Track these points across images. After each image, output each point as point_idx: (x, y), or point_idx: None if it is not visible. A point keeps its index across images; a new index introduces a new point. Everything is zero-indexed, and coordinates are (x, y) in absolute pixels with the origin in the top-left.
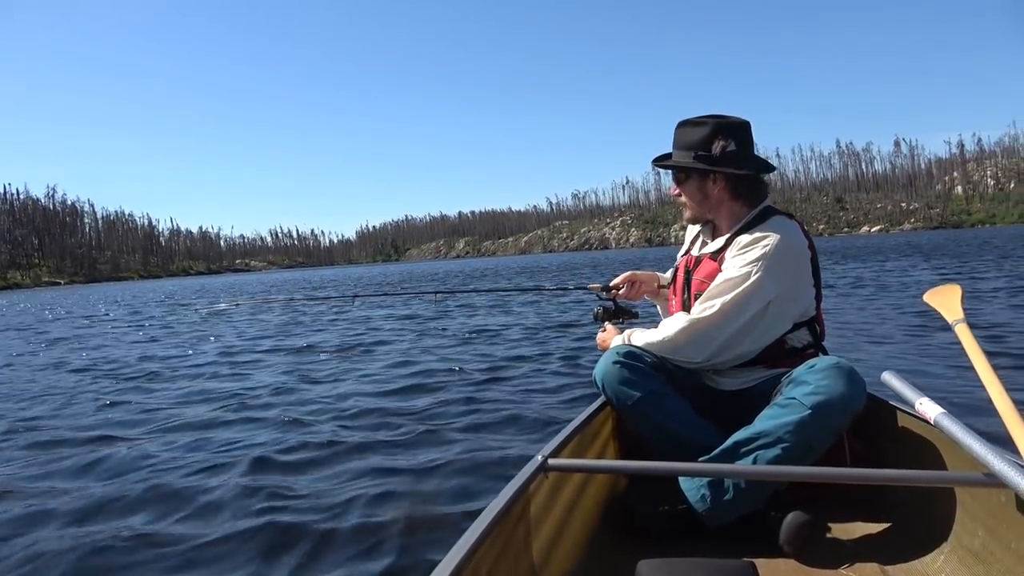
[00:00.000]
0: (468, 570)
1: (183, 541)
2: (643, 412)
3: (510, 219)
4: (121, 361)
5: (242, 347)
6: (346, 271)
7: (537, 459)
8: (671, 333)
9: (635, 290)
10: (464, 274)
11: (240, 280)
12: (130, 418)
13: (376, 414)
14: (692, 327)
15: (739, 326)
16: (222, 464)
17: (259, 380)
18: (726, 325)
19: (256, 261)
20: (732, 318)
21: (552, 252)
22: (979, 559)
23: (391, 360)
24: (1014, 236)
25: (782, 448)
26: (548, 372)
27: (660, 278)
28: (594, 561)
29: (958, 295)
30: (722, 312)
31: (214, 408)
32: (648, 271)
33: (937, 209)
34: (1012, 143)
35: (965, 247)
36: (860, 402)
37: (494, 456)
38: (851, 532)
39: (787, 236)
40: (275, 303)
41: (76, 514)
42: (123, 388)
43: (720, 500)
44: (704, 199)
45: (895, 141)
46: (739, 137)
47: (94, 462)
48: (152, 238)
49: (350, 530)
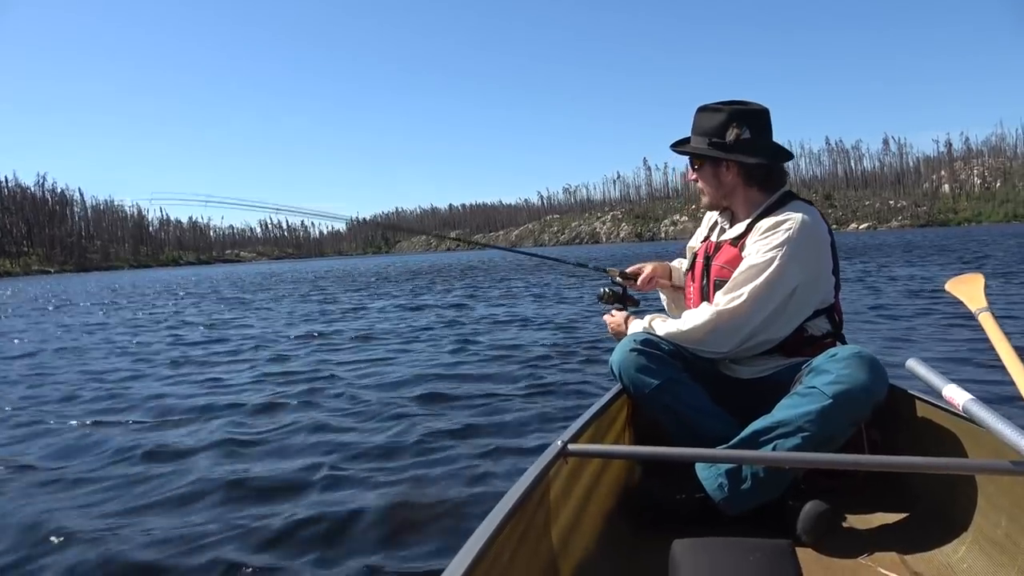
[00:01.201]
0: (490, 554)
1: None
2: (660, 400)
3: (501, 213)
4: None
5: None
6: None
7: (557, 444)
8: (698, 324)
9: (650, 283)
10: (461, 267)
11: (238, 271)
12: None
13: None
14: (720, 318)
15: (767, 315)
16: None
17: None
18: (755, 314)
19: (246, 252)
20: (760, 307)
21: (543, 246)
22: (1002, 549)
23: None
24: (1005, 235)
25: (802, 437)
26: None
27: (673, 271)
28: (612, 546)
29: (981, 284)
30: (750, 301)
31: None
32: (663, 263)
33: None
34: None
35: (957, 243)
36: (883, 392)
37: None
38: (870, 522)
39: (808, 221)
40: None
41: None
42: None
43: (738, 489)
44: (719, 186)
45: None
46: (755, 124)
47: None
48: (142, 227)
49: (374, 512)
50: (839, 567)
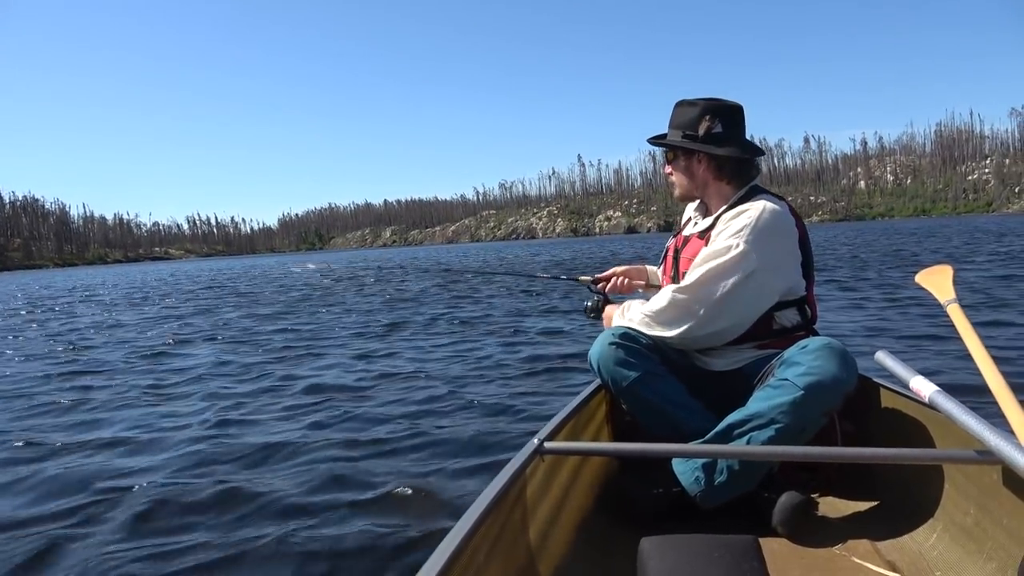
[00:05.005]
0: (466, 553)
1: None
2: (638, 393)
3: (437, 208)
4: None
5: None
6: (270, 260)
7: (533, 442)
8: (656, 307)
9: (624, 284)
10: (404, 265)
11: (173, 268)
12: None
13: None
14: (675, 297)
15: (719, 295)
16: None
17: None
18: (706, 294)
19: (174, 249)
20: (711, 287)
21: (479, 241)
22: (971, 536)
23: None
24: (915, 230)
25: (775, 429)
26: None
27: (650, 273)
28: (590, 543)
29: (949, 275)
30: (700, 281)
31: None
32: (637, 266)
33: (842, 203)
34: (909, 141)
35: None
36: (852, 382)
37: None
38: (844, 512)
39: (771, 209)
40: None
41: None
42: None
43: (714, 482)
44: (691, 178)
45: (805, 137)
46: (728, 119)
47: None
48: (65, 224)
49: (348, 508)
50: (814, 557)
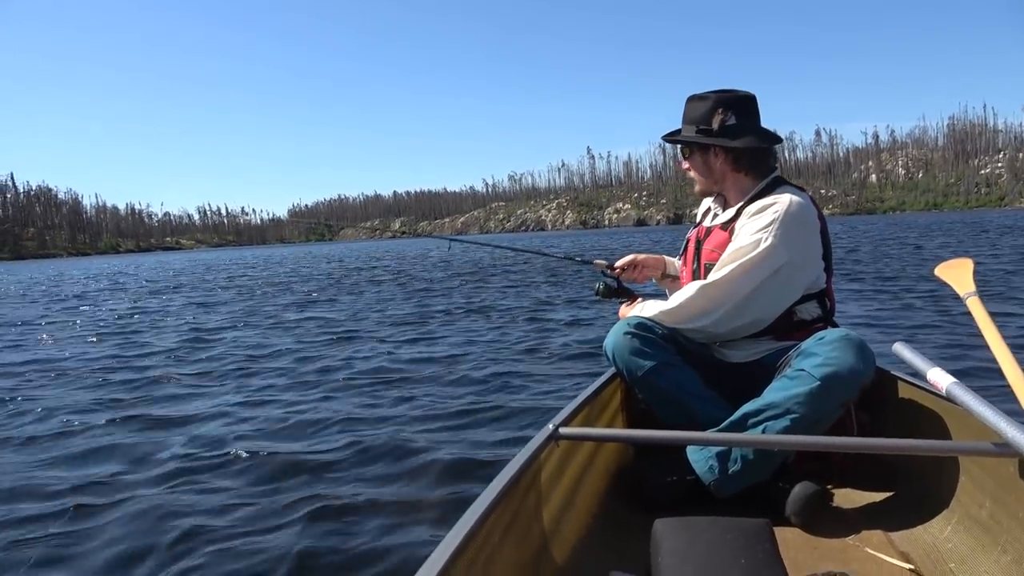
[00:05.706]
0: (480, 536)
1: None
2: (653, 383)
3: (446, 200)
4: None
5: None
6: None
7: (548, 428)
8: (681, 301)
9: (638, 273)
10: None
11: (202, 257)
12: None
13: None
14: (704, 292)
15: (747, 292)
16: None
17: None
18: (735, 291)
19: (185, 240)
20: (741, 284)
21: (489, 232)
22: (985, 529)
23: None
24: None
25: (791, 420)
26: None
27: (667, 264)
28: (603, 529)
29: (970, 268)
30: (730, 278)
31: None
32: (655, 255)
33: (853, 196)
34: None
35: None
36: (869, 374)
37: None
38: (858, 503)
39: (797, 202)
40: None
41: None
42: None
43: (728, 471)
44: (709, 172)
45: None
46: (741, 110)
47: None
48: (78, 214)
49: (363, 497)
50: (827, 547)
